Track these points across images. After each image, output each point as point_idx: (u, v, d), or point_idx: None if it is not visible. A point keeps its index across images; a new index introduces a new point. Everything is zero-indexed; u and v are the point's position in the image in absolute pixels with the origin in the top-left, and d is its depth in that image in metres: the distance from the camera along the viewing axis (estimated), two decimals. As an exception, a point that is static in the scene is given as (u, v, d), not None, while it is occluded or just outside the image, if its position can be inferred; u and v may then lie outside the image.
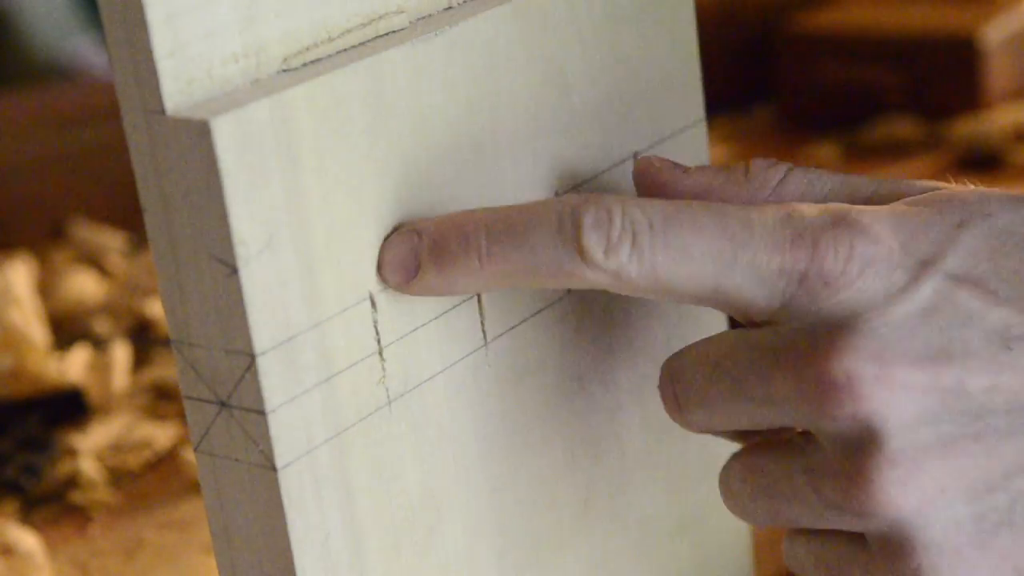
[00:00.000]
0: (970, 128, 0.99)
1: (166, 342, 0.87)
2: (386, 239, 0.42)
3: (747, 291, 0.41)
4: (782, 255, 0.40)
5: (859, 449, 0.40)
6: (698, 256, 0.40)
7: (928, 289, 0.40)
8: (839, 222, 0.41)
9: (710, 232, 0.40)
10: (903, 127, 1.02)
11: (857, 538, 0.42)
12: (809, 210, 0.41)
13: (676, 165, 0.44)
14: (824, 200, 0.44)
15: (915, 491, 0.40)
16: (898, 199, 0.43)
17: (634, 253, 0.40)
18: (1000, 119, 0.99)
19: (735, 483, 0.43)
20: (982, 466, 0.40)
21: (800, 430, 0.42)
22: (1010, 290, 0.41)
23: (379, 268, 0.41)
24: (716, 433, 0.45)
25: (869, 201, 0.44)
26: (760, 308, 0.41)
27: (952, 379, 0.40)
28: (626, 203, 0.40)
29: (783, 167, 0.44)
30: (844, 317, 0.40)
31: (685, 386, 0.43)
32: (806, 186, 0.44)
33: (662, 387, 0.43)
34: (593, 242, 0.40)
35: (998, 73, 1.02)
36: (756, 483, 0.43)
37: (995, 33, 1.01)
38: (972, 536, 0.40)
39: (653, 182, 0.44)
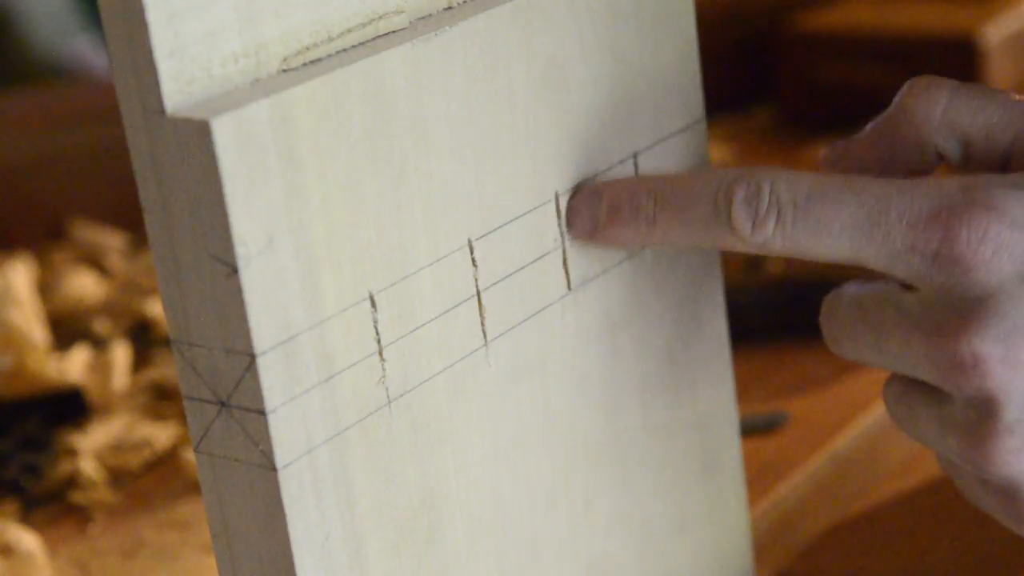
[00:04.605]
0: (970, 128, 0.99)
1: (166, 342, 0.87)
2: (572, 197, 0.47)
3: (883, 264, 0.43)
4: (915, 234, 0.42)
5: (981, 417, 0.43)
6: (836, 232, 0.43)
7: None
8: (975, 203, 0.42)
9: (849, 209, 0.43)
10: (903, 127, 1.01)
11: None
12: (948, 186, 0.43)
13: (847, 140, 0.48)
14: (989, 130, 0.46)
15: None
16: None
17: (778, 229, 0.44)
18: (1000, 119, 0.99)
19: (890, 400, 0.46)
20: None
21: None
22: None
23: (566, 221, 0.47)
24: None
25: None
26: (899, 276, 0.44)
27: None
28: (776, 179, 0.44)
29: (944, 91, 0.47)
30: (976, 296, 0.42)
31: (837, 325, 0.46)
32: (972, 113, 0.46)
33: (821, 319, 0.46)
34: (743, 218, 0.44)
35: (998, 73, 1.01)
36: (902, 412, 0.46)
37: (995, 33, 1.01)
38: None
39: (831, 162, 0.48)
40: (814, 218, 0.44)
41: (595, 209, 0.47)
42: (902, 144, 0.47)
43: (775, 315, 0.76)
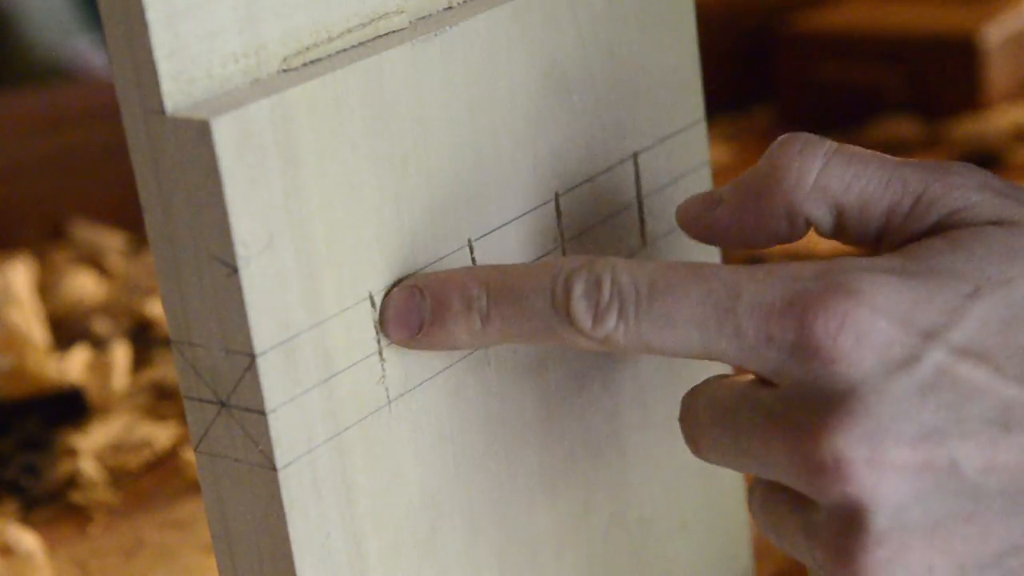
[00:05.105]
0: (970, 128, 0.99)
1: (166, 342, 0.87)
2: (387, 295, 0.42)
3: (736, 359, 0.40)
4: (769, 325, 0.39)
5: (847, 527, 0.39)
6: (683, 325, 0.40)
7: (929, 365, 0.39)
8: (834, 289, 0.39)
9: (696, 300, 0.40)
10: (903, 127, 1.02)
11: None
12: (803, 271, 0.40)
13: (708, 197, 0.44)
14: (863, 201, 0.42)
15: (901, 572, 0.39)
16: (941, 212, 0.42)
17: (620, 323, 0.40)
18: (1000, 119, 0.99)
19: (755, 508, 0.43)
20: (974, 546, 0.39)
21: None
22: (1017, 367, 0.39)
23: (382, 323, 0.42)
24: None
25: (916, 203, 0.42)
26: (754, 370, 0.40)
27: (945, 460, 0.38)
28: (616, 269, 0.41)
29: (819, 155, 0.43)
30: (838, 391, 0.39)
31: (696, 428, 0.42)
32: (847, 182, 0.42)
33: (680, 420, 0.43)
34: (582, 313, 0.41)
35: (998, 73, 1.02)
36: (768, 520, 0.42)
37: (995, 33, 1.01)
38: None
39: (690, 222, 0.45)
40: (659, 311, 0.40)
41: (418, 307, 0.42)
42: (768, 210, 0.43)
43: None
